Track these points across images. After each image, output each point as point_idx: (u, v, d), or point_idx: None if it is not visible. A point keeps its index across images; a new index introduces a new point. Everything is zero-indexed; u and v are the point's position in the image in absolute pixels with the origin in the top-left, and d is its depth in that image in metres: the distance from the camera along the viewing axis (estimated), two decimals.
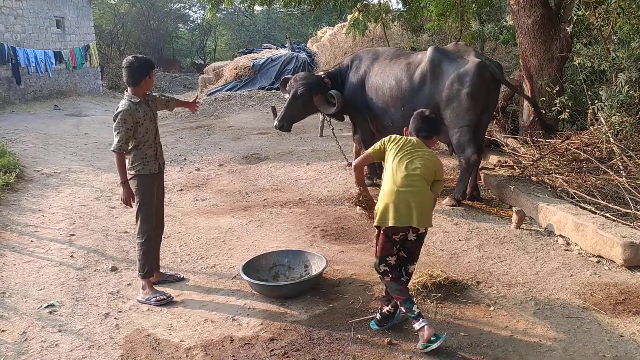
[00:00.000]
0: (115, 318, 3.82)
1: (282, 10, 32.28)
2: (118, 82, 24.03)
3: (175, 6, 36.46)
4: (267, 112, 13.59)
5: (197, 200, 6.68)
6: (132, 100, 4.01)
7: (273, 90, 16.97)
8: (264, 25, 35.93)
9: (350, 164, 7.49)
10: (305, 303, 3.90)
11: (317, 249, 4.77)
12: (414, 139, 3.58)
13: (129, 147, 4.02)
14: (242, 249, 5.03)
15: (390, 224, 3.26)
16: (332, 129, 7.32)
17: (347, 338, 3.40)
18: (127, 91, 4.06)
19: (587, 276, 4.11)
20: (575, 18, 6.61)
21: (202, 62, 34.76)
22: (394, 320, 3.51)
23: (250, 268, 4.20)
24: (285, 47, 20.27)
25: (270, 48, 21.30)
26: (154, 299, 4.01)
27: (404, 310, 3.31)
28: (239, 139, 10.56)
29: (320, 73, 6.78)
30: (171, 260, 4.82)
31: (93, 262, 4.81)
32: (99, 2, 29.65)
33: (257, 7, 33.26)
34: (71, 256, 4.96)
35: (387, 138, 3.61)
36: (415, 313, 3.20)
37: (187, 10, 37.60)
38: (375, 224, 3.39)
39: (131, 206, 4.12)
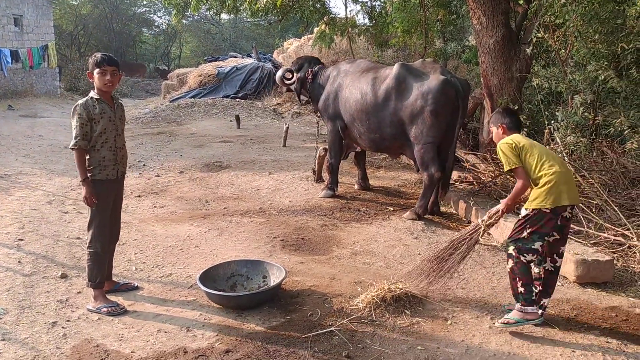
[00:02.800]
0: (63, 327, 3.66)
1: (249, 20, 32.27)
2: (77, 84, 23.47)
3: (139, 10, 35.96)
4: (231, 121, 13.49)
5: (155, 207, 6.53)
6: (91, 96, 3.87)
7: (238, 99, 16.87)
8: (230, 34, 35.81)
9: (314, 172, 7.50)
10: (263, 314, 3.83)
11: (277, 260, 4.71)
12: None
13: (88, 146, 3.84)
14: (200, 257, 4.92)
15: (564, 203, 3.49)
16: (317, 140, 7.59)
17: (304, 351, 3.35)
18: None
19: None
20: (534, 40, 6.83)
21: (166, 68, 34.30)
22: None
23: (208, 277, 4.10)
24: (251, 56, 20.21)
25: (236, 57, 21.20)
26: (105, 309, 3.84)
27: (523, 291, 3.55)
28: (201, 147, 10.41)
29: (316, 68, 7.06)
30: (125, 268, 4.67)
31: (42, 269, 4.61)
32: (59, 2, 28.93)
33: (224, 16, 33.18)
34: (19, 262, 4.74)
35: (516, 148, 3.62)
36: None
37: (152, 15, 37.15)
38: (547, 207, 3.48)
39: (92, 206, 3.86)
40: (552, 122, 6.81)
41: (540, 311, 3.63)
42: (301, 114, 15.09)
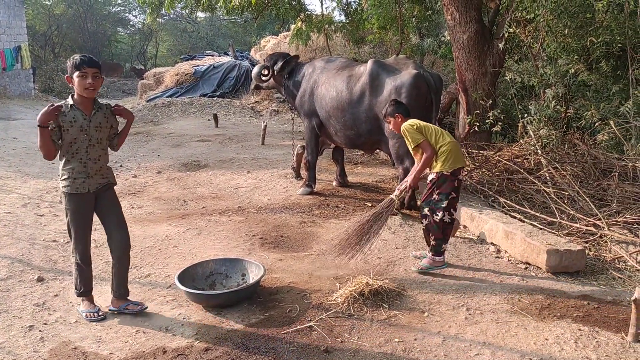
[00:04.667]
0: (40, 330, 3.63)
1: (225, 18, 32.07)
2: (52, 85, 23.11)
3: (114, 9, 35.49)
4: (209, 120, 13.43)
5: (132, 207, 6.48)
6: (66, 101, 3.59)
7: (215, 98, 16.79)
8: (207, 32, 35.55)
9: (293, 168, 7.53)
10: (242, 312, 3.85)
11: (256, 258, 4.72)
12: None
13: (59, 148, 3.59)
14: (178, 257, 4.91)
15: (459, 165, 4.37)
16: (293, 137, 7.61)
17: (284, 347, 3.38)
18: None
19: (515, 282, 4.27)
20: (506, 35, 6.94)
21: (143, 67, 33.94)
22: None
23: (186, 277, 4.10)
24: (228, 54, 20.12)
25: (213, 55, 21.08)
26: (85, 314, 3.79)
27: (434, 244, 4.45)
28: (179, 146, 10.36)
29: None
30: (103, 270, 4.63)
31: (17, 272, 4.56)
32: (32, 2, 28.44)
33: (200, 14, 32.96)
34: None
35: (418, 128, 4.42)
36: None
37: (127, 14, 36.72)
38: (447, 170, 4.31)
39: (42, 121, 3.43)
40: (526, 115, 6.94)
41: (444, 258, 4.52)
42: (279, 111, 15.09)
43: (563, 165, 6.10)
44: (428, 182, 4.46)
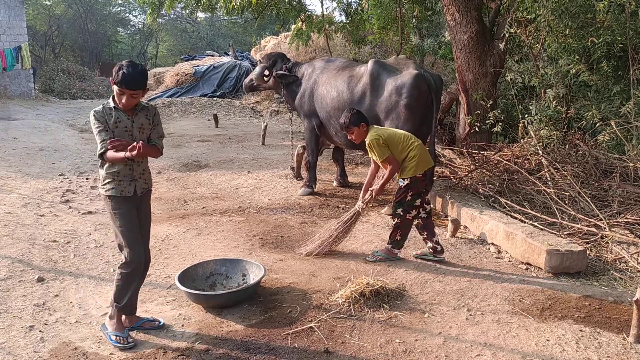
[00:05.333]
0: (40, 331, 3.62)
1: (225, 18, 32.08)
2: (52, 85, 23.10)
3: (114, 9, 35.50)
4: (209, 120, 13.43)
5: None
6: (108, 103, 3.41)
7: (215, 98, 16.79)
8: (207, 32, 35.58)
9: (293, 169, 7.54)
10: (242, 312, 3.84)
11: (256, 258, 4.72)
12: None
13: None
14: (178, 258, 4.90)
15: (429, 166, 4.62)
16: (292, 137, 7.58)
17: (284, 347, 3.37)
18: None
19: (516, 283, 4.26)
20: (507, 35, 6.93)
21: None
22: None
23: (186, 277, 4.10)
24: (228, 55, 20.12)
25: (213, 55, 21.08)
26: (114, 337, 3.44)
27: (399, 239, 4.74)
28: (179, 147, 10.35)
29: (290, 62, 7.12)
30: (103, 270, 4.63)
31: (18, 273, 4.55)
32: (32, 3, 28.44)
33: (201, 14, 33.00)
34: None
35: (384, 141, 4.52)
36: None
37: (127, 14, 36.74)
38: (420, 173, 4.53)
39: (138, 153, 3.17)
40: (526, 116, 6.93)
41: (436, 248, 4.73)
42: (279, 112, 15.08)
43: (564, 165, 6.09)
44: (402, 186, 4.62)
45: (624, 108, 6.03)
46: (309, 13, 12.22)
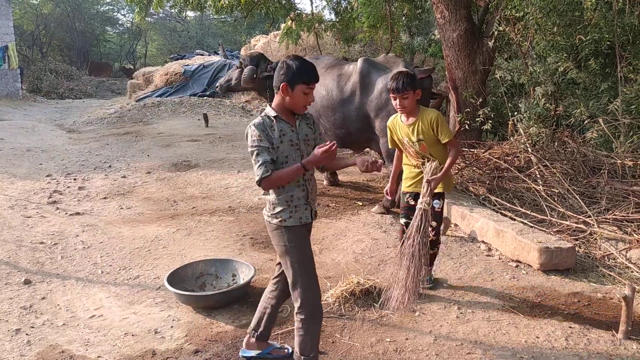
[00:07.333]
0: (26, 334, 3.58)
1: (214, 17, 31.94)
2: (39, 85, 22.88)
3: (102, 8, 35.24)
4: (199, 119, 13.35)
5: (121, 208, 6.42)
6: (267, 113, 2.91)
7: (205, 97, 16.70)
8: (196, 31, 35.42)
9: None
10: (232, 313, 3.82)
11: (246, 258, 4.69)
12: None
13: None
14: (168, 258, 4.87)
15: None
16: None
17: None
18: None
19: (506, 280, 4.27)
20: (496, 33, 6.94)
21: (132, 67, 33.75)
22: None
23: (176, 278, 4.07)
24: (218, 54, 20.03)
25: (202, 55, 20.98)
26: (270, 350, 3.27)
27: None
28: (169, 146, 10.28)
29: (274, 62, 7.06)
30: (91, 272, 4.59)
31: (4, 275, 4.50)
32: (19, 2, 28.16)
33: (190, 13, 32.82)
34: None
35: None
36: None
37: (115, 13, 36.49)
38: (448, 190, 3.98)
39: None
40: (516, 113, 6.95)
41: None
42: None
43: (553, 163, 6.12)
44: (438, 209, 3.89)
45: (612, 105, 6.06)
46: (299, 12, 12.17)
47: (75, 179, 7.81)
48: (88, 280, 4.43)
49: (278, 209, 2.86)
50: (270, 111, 2.89)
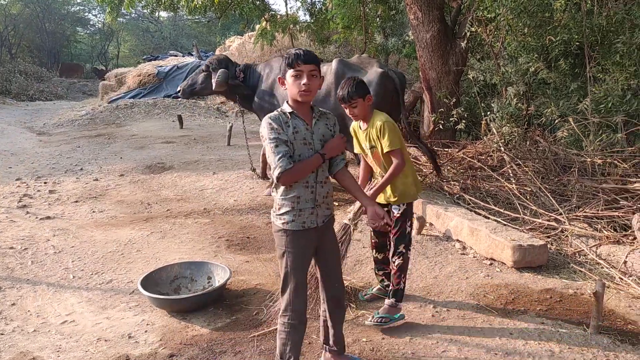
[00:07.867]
0: None
1: (188, 17, 31.66)
2: (8, 87, 22.35)
3: (73, 8, 34.66)
4: (173, 121, 13.22)
5: (94, 212, 6.31)
6: (282, 109, 2.80)
7: (179, 99, 16.53)
8: (170, 32, 35.09)
9: (254, 170, 7.47)
10: (208, 316, 3.78)
11: (222, 260, 4.65)
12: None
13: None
14: (142, 262, 4.80)
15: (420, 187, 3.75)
16: (246, 137, 7.47)
17: (251, 350, 3.33)
18: None
19: (480, 278, 4.32)
20: (468, 34, 7.02)
21: (104, 68, 33.25)
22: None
23: (150, 282, 4.01)
24: (192, 55, 19.86)
25: (176, 55, 20.78)
26: None
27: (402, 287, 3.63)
28: (143, 148, 10.15)
29: (241, 65, 6.97)
30: (62, 277, 4.49)
31: None
32: None
33: (164, 14, 32.49)
34: None
35: (395, 126, 3.49)
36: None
37: (86, 14, 35.95)
38: (409, 200, 3.61)
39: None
40: (489, 113, 7.04)
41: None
42: (245, 112, 14.94)
43: (525, 161, 6.22)
44: (396, 214, 3.60)
45: (581, 105, 6.19)
46: (273, 12, 12.16)
47: (45, 183, 7.66)
48: (59, 285, 4.34)
49: (283, 210, 2.76)
50: (286, 107, 2.79)
